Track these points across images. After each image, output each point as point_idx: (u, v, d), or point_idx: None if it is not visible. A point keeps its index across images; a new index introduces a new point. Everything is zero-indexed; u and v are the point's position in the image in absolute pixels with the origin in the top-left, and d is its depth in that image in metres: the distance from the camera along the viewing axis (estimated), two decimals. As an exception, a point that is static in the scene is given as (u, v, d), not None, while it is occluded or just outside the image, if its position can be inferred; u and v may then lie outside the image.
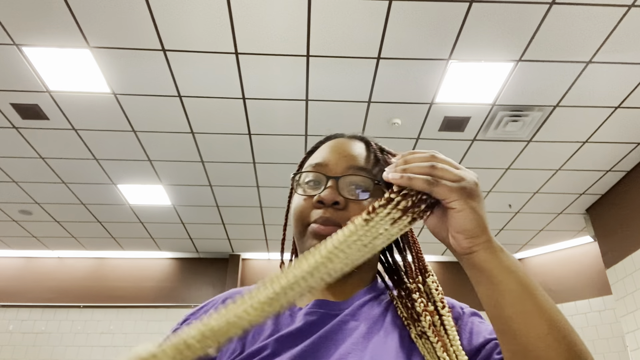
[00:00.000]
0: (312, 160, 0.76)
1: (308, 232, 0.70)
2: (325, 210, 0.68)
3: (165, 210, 5.24)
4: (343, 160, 0.72)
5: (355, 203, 0.68)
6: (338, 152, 0.74)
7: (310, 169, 0.74)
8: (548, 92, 3.45)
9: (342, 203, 0.68)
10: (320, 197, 0.68)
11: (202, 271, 6.45)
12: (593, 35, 2.96)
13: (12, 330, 5.97)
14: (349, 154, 0.73)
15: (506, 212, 5.18)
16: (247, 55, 3.14)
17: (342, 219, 0.67)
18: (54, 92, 3.44)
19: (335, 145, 0.76)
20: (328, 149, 0.76)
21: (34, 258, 6.43)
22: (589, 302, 5.81)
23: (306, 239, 0.70)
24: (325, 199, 0.68)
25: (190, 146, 4.09)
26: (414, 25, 2.91)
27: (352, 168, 0.71)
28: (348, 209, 0.68)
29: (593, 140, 3.97)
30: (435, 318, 0.65)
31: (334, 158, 0.73)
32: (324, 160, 0.73)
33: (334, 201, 0.68)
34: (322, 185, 0.70)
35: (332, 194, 0.68)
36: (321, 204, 0.68)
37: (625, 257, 4.56)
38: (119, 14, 2.81)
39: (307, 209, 0.71)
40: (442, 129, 3.86)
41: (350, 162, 0.72)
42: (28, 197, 4.90)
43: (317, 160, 0.74)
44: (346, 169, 0.71)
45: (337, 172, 0.71)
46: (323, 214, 0.68)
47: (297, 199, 0.73)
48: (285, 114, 3.71)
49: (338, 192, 0.68)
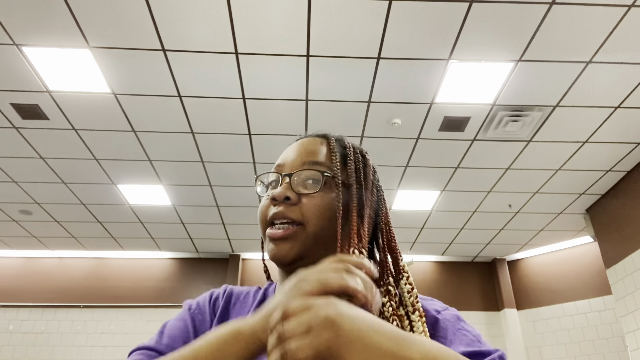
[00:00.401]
0: (275, 162, 0.79)
1: (266, 236, 0.72)
2: (278, 206, 0.70)
3: (165, 210, 5.24)
4: (298, 157, 0.74)
5: (307, 197, 0.69)
6: (295, 151, 0.76)
7: (271, 170, 0.77)
8: (548, 92, 3.45)
9: (293, 198, 0.69)
10: (272, 194, 0.70)
11: (202, 271, 6.45)
12: (593, 35, 2.96)
13: (12, 330, 5.97)
14: (304, 151, 0.75)
15: (506, 212, 5.18)
16: (247, 55, 3.14)
17: (294, 214, 0.69)
18: (54, 92, 3.44)
19: (294, 145, 0.78)
20: (288, 150, 0.78)
21: (33, 258, 6.43)
22: (589, 302, 5.81)
23: (267, 243, 0.72)
24: (276, 195, 0.69)
25: (190, 146, 4.09)
26: (414, 25, 2.91)
27: (306, 164, 0.72)
28: (301, 204, 0.69)
29: (593, 140, 3.96)
30: (405, 323, 0.64)
31: (290, 157, 0.75)
32: (282, 161, 0.76)
33: (284, 197, 0.69)
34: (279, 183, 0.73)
35: (283, 189, 0.70)
36: (275, 200, 0.70)
37: (625, 257, 4.56)
38: (119, 14, 2.81)
39: (265, 207, 0.72)
40: (442, 129, 3.86)
41: (304, 159, 0.73)
42: (28, 197, 4.90)
43: (277, 162, 0.77)
44: (300, 165, 0.73)
45: (291, 169, 0.73)
46: (276, 210, 0.70)
47: (262, 201, 0.76)
48: (285, 114, 3.71)
49: (290, 188, 0.70)
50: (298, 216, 0.69)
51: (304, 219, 0.69)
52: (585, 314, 5.81)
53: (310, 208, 0.69)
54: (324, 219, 0.68)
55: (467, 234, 5.79)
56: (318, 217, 0.68)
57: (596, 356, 5.57)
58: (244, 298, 0.77)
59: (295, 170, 0.72)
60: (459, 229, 5.66)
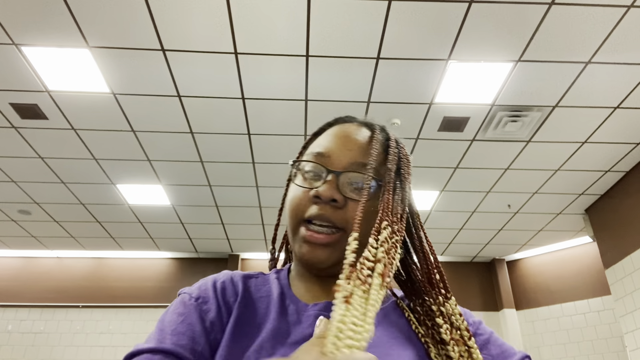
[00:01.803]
0: (314, 148, 0.71)
1: (300, 234, 0.66)
2: (322, 206, 0.64)
3: (165, 210, 5.23)
4: (346, 153, 0.68)
5: (355, 203, 0.64)
6: (342, 144, 0.69)
7: (311, 159, 0.69)
8: (547, 92, 3.45)
9: (340, 201, 0.64)
10: (317, 192, 0.64)
11: (201, 271, 6.44)
12: (592, 36, 2.96)
13: (11, 330, 5.96)
14: (353, 147, 0.68)
15: (505, 212, 5.18)
16: (247, 55, 3.13)
17: (338, 219, 0.64)
18: (53, 92, 3.44)
19: (340, 134, 0.71)
20: (332, 138, 0.71)
21: (33, 258, 6.42)
22: (588, 303, 5.81)
23: (297, 240, 0.66)
24: (323, 195, 0.63)
25: (190, 146, 4.09)
26: (414, 26, 2.91)
27: (354, 164, 0.66)
28: (346, 208, 0.64)
29: (592, 140, 3.97)
30: (463, 348, 0.62)
31: (337, 149, 0.68)
32: (326, 151, 0.69)
33: (331, 198, 0.63)
34: (322, 178, 0.66)
35: (331, 190, 0.64)
36: (318, 199, 0.64)
37: (624, 257, 4.56)
38: (118, 13, 2.81)
39: (303, 201, 0.66)
40: (442, 129, 3.86)
41: (353, 157, 0.67)
42: (27, 197, 4.89)
43: (319, 149, 0.70)
44: (349, 164, 0.66)
45: (339, 166, 0.66)
46: (319, 211, 0.64)
47: (295, 190, 0.69)
48: (284, 114, 3.71)
49: (337, 189, 0.64)
50: (342, 222, 0.64)
51: (348, 226, 0.63)
52: (584, 314, 5.81)
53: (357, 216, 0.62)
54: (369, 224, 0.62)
55: (467, 234, 5.80)
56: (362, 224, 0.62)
57: (595, 356, 5.57)
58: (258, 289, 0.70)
59: (344, 170, 0.66)
60: (458, 229, 5.66)
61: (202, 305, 0.65)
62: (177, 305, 0.65)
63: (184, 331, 0.61)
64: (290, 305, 0.67)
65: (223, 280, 0.70)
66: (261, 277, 0.73)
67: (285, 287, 0.71)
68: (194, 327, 0.61)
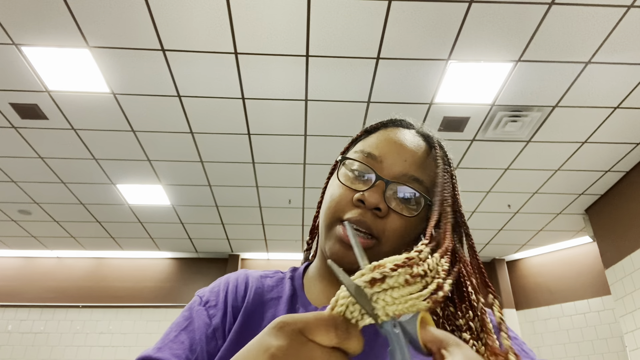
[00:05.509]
0: (366, 146, 0.68)
1: (335, 231, 0.63)
2: (363, 212, 0.61)
3: (165, 210, 5.23)
4: (400, 163, 0.64)
5: (397, 216, 0.61)
6: (397, 151, 0.66)
7: (361, 159, 0.66)
8: (547, 92, 3.45)
9: (384, 210, 0.61)
10: (363, 196, 0.61)
11: (201, 271, 6.45)
12: (592, 36, 2.96)
13: (11, 330, 5.96)
14: (408, 158, 0.65)
15: (505, 212, 5.18)
16: (247, 55, 3.13)
17: (377, 228, 0.61)
18: (53, 92, 3.44)
19: (397, 140, 0.68)
20: (387, 142, 0.67)
21: (33, 258, 6.42)
22: (588, 303, 5.81)
23: (331, 237, 0.64)
24: (368, 201, 0.61)
25: (190, 146, 4.09)
26: (414, 26, 2.91)
27: (406, 176, 0.63)
28: (387, 219, 0.61)
29: (592, 140, 3.97)
30: None
31: (390, 156, 0.65)
32: (379, 154, 0.65)
33: (375, 206, 0.61)
34: (369, 181, 0.63)
35: (377, 198, 0.61)
36: (361, 203, 0.62)
37: (624, 257, 4.56)
38: (118, 13, 2.81)
39: (344, 201, 0.63)
40: (442, 129, 3.86)
41: (406, 169, 0.64)
42: (27, 197, 4.89)
43: (371, 150, 0.66)
44: (400, 175, 0.63)
45: (389, 174, 0.63)
46: (359, 217, 0.61)
47: (337, 186, 0.66)
48: (284, 114, 3.71)
49: (383, 198, 0.61)
50: (379, 232, 0.61)
51: (384, 237, 0.61)
52: (584, 314, 5.81)
53: (396, 230, 0.61)
54: (403, 240, 0.61)
55: (466, 234, 5.79)
56: (397, 238, 0.61)
57: (595, 356, 5.57)
58: (269, 290, 0.69)
59: (395, 181, 0.63)
60: (458, 229, 5.65)
61: (209, 310, 0.65)
62: (187, 307, 0.67)
63: (183, 339, 0.61)
64: (300, 309, 0.66)
65: (236, 281, 0.70)
66: (276, 277, 0.72)
67: (299, 289, 0.69)
68: (194, 334, 0.62)
